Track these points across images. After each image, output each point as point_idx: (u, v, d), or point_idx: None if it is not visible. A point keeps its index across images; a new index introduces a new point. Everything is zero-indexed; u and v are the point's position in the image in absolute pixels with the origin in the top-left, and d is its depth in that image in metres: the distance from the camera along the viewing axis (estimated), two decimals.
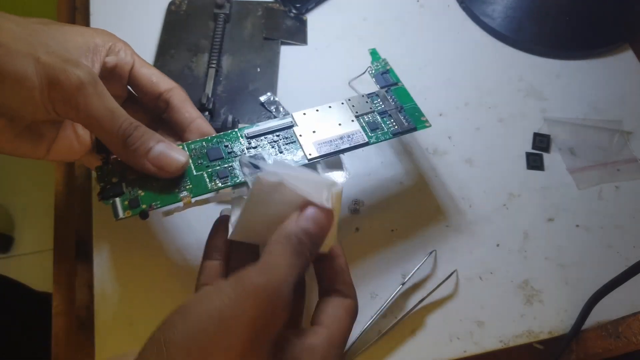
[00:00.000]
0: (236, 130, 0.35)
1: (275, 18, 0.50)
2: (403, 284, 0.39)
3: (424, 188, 0.43)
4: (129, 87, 0.36)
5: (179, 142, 0.34)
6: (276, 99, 0.45)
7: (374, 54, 0.42)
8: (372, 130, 0.36)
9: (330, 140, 0.35)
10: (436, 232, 0.42)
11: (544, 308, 0.40)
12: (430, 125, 0.37)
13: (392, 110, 0.37)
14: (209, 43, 0.47)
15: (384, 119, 0.37)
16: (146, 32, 0.48)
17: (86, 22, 0.49)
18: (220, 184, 0.32)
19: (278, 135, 0.35)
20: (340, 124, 0.36)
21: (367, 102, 0.37)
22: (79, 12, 0.50)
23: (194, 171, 0.32)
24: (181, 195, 0.31)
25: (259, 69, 0.47)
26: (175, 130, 0.36)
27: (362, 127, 0.36)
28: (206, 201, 0.33)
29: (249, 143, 0.34)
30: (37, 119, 0.30)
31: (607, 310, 0.38)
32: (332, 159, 0.36)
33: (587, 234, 0.43)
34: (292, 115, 0.36)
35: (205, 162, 0.33)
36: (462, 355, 0.38)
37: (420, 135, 0.46)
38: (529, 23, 0.52)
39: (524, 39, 0.51)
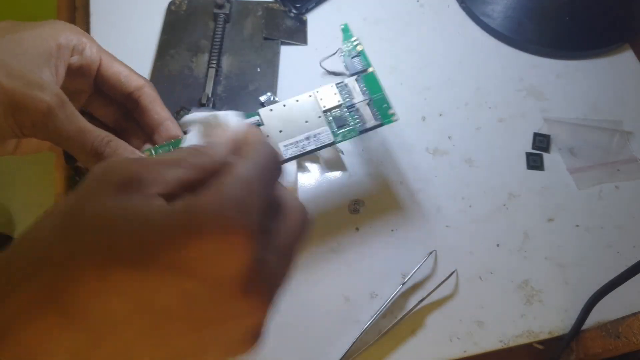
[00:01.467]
0: None
1: (275, 18, 0.50)
2: (403, 284, 0.39)
3: (424, 188, 0.43)
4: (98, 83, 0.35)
5: (148, 146, 0.34)
6: (276, 99, 0.45)
7: (345, 30, 0.39)
8: (339, 127, 0.35)
9: (297, 142, 0.34)
10: (436, 232, 0.42)
11: (544, 308, 0.40)
12: (397, 119, 0.36)
13: (360, 103, 0.36)
14: (209, 43, 0.47)
15: (352, 113, 0.36)
16: (146, 32, 0.48)
17: (86, 22, 0.49)
18: None
19: None
20: (307, 121, 0.35)
21: (335, 93, 0.36)
22: (79, 12, 0.50)
23: None
24: None
25: (259, 69, 0.47)
26: (145, 130, 0.35)
27: (329, 123, 0.35)
28: None
29: None
30: (3, 138, 0.29)
31: (607, 310, 0.38)
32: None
33: (587, 234, 0.43)
34: (258, 114, 0.35)
35: None
36: (462, 355, 0.38)
37: (421, 135, 0.46)
38: (529, 23, 0.52)
39: (524, 39, 0.51)
